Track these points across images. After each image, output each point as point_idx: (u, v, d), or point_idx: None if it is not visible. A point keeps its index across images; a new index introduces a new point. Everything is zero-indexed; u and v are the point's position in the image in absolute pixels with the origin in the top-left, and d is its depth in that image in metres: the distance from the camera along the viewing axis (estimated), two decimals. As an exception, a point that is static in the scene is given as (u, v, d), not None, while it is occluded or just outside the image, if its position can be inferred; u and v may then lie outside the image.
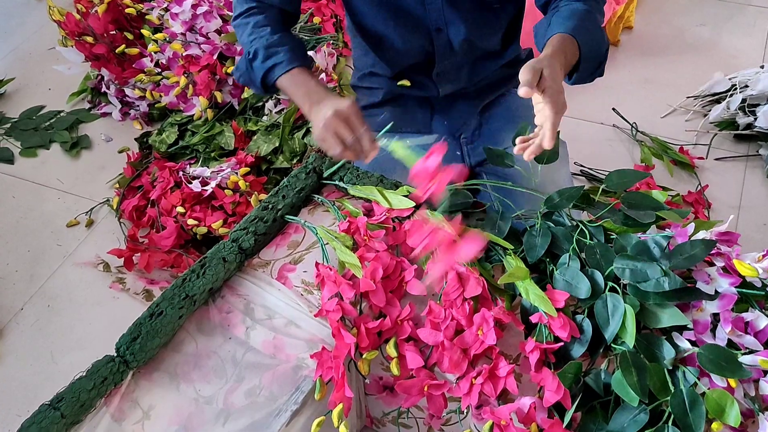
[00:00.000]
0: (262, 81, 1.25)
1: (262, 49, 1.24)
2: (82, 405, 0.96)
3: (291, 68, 1.22)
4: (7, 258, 1.86)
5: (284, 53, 1.23)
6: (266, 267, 1.14)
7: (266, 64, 1.23)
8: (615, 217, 1.08)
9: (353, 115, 1.12)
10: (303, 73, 1.23)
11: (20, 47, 2.63)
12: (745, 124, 2.02)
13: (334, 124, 1.11)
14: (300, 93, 1.21)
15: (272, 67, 1.23)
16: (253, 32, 1.26)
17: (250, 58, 1.26)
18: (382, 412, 1.25)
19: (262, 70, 1.24)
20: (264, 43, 1.24)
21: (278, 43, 1.24)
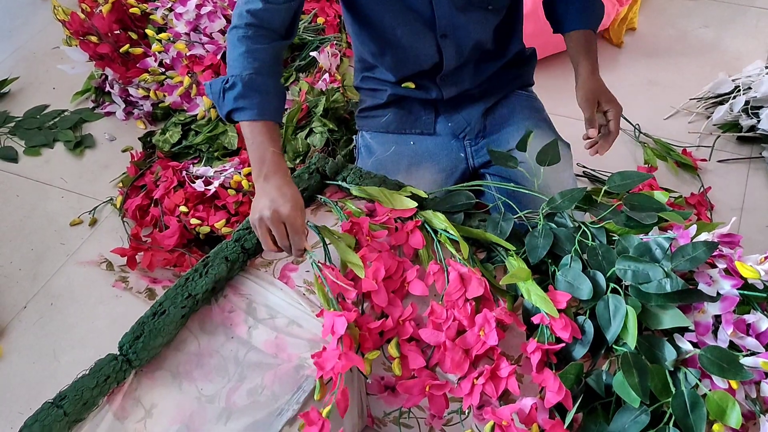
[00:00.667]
0: (227, 114, 1.21)
1: (240, 84, 1.18)
2: (85, 403, 0.96)
3: (256, 120, 1.18)
4: (11, 256, 1.86)
5: (259, 100, 1.18)
6: (269, 266, 1.15)
7: (237, 102, 1.18)
8: (617, 219, 1.08)
9: (290, 221, 1.08)
10: (266, 133, 1.18)
11: (25, 46, 2.64)
12: (748, 126, 2.01)
13: (267, 223, 1.09)
14: (255, 155, 1.17)
15: (241, 108, 1.19)
16: (239, 58, 1.20)
17: (226, 86, 1.20)
18: (384, 412, 1.25)
19: (230, 105, 1.19)
20: (245, 79, 1.18)
21: (258, 86, 1.19)
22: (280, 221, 1.08)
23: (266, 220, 1.08)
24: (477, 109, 1.48)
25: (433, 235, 1.13)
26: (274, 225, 1.08)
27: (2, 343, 1.66)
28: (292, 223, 1.08)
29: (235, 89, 1.18)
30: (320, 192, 1.27)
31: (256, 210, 1.10)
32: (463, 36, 1.33)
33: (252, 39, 1.21)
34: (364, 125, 1.55)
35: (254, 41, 1.21)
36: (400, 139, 1.49)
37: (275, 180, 1.13)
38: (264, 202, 1.10)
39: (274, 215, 1.08)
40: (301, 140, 1.91)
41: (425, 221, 1.14)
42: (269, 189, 1.12)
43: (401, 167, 1.44)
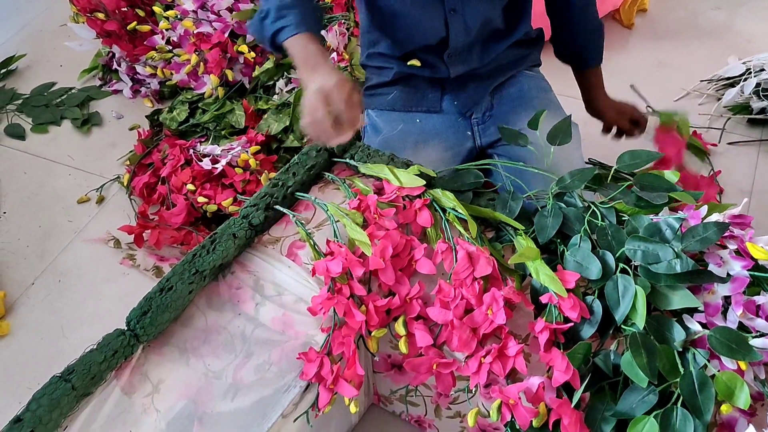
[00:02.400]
0: (271, 41, 1.25)
1: (273, 10, 1.22)
2: (93, 377, 0.96)
3: (296, 33, 1.21)
4: (19, 233, 1.87)
5: (293, 16, 1.22)
6: (276, 244, 1.14)
7: (275, 25, 1.22)
8: (627, 199, 1.07)
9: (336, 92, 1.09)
10: (305, 39, 1.21)
11: (32, 23, 2.63)
12: (759, 108, 2.00)
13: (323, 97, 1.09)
14: (300, 58, 1.20)
15: (280, 29, 1.22)
16: None
17: (262, 17, 1.25)
18: (390, 390, 1.26)
19: (270, 30, 1.23)
20: (276, 4, 1.23)
21: (290, 5, 1.23)
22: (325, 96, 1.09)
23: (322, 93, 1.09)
24: (484, 88, 1.47)
25: (442, 213, 1.12)
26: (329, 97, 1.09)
27: (10, 320, 1.67)
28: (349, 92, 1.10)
29: (269, 16, 1.23)
30: (328, 170, 1.26)
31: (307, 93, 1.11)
32: (472, 12, 1.32)
33: None
34: (370, 103, 1.54)
35: None
36: (406, 117, 1.48)
37: (324, 67, 1.15)
38: (316, 84, 1.11)
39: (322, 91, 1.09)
40: (309, 119, 1.90)
41: (433, 200, 1.13)
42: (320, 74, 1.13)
43: (408, 145, 1.43)
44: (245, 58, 2.04)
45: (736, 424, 0.90)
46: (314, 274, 1.05)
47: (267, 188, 1.19)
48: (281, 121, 1.92)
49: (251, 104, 2.00)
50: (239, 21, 2.06)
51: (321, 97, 1.08)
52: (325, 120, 1.08)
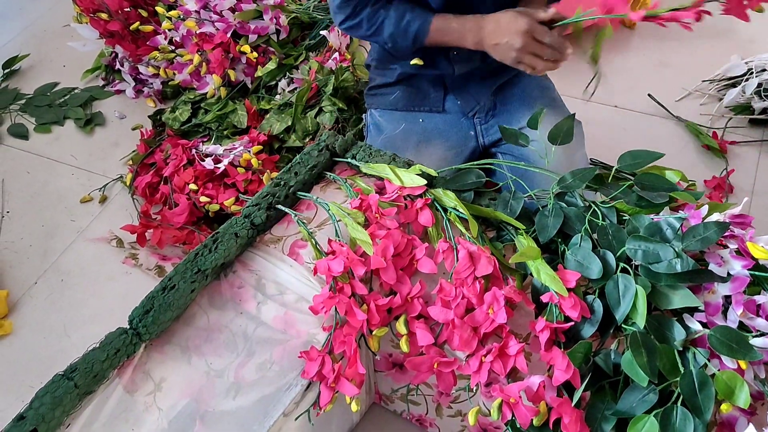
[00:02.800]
0: (412, 52, 1.37)
1: (396, 32, 1.32)
2: (95, 375, 0.97)
3: (428, 26, 1.31)
4: (22, 233, 1.87)
5: (413, 20, 1.31)
6: (278, 243, 1.15)
7: (408, 39, 1.33)
8: (628, 198, 1.08)
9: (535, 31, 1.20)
10: (439, 20, 1.31)
11: (35, 24, 2.63)
12: (760, 108, 2.00)
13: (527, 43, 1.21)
14: (455, 36, 1.30)
15: (415, 36, 1.32)
16: (371, 25, 1.34)
17: (390, 46, 1.36)
18: (391, 389, 1.26)
19: (408, 46, 1.34)
20: (392, 27, 1.32)
21: (400, 17, 1.32)
22: (532, 38, 1.21)
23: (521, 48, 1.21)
24: (486, 87, 1.48)
25: (443, 213, 1.13)
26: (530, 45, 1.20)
27: (13, 319, 1.67)
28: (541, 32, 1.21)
29: (396, 40, 1.34)
30: (330, 169, 1.27)
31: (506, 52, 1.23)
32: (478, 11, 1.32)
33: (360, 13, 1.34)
34: (373, 103, 1.54)
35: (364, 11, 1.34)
36: (409, 116, 1.48)
37: (487, 24, 1.26)
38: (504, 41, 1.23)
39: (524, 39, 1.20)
40: (311, 119, 1.90)
41: (435, 199, 1.14)
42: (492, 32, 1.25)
43: (410, 145, 1.43)
44: (247, 58, 2.04)
45: (736, 423, 0.91)
46: (316, 273, 1.05)
47: (269, 188, 1.20)
48: (283, 120, 1.92)
49: (253, 104, 2.01)
50: (241, 21, 2.07)
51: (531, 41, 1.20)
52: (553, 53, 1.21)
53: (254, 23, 2.09)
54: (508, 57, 1.25)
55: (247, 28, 2.07)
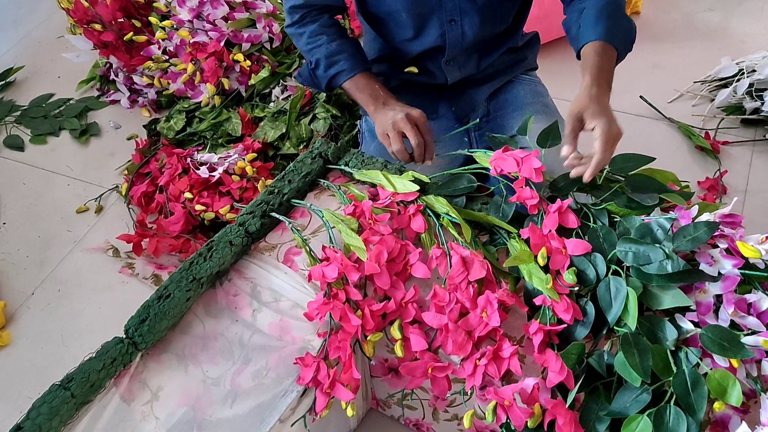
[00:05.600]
0: (327, 87, 1.37)
1: (323, 59, 1.34)
2: (92, 385, 0.97)
3: (353, 75, 1.34)
4: (18, 244, 1.88)
5: (344, 61, 1.34)
6: (273, 250, 1.15)
7: (329, 72, 1.35)
8: (618, 200, 1.08)
9: (420, 121, 1.24)
10: (364, 78, 1.34)
11: (30, 35, 2.64)
12: (752, 108, 2.01)
13: (401, 124, 1.23)
14: (364, 96, 1.32)
15: (335, 75, 1.34)
16: (309, 42, 1.36)
17: (312, 68, 1.37)
18: (388, 394, 1.27)
19: (325, 78, 1.36)
20: (324, 53, 1.34)
21: (337, 51, 1.34)
22: (413, 122, 1.23)
23: (399, 121, 1.23)
24: (480, 93, 1.49)
25: (435, 219, 1.13)
26: (407, 126, 1.23)
27: (11, 329, 1.68)
28: (423, 123, 1.24)
29: (320, 66, 1.35)
30: (323, 177, 1.28)
31: (385, 120, 1.26)
32: (470, 22, 1.33)
33: (309, 24, 1.37)
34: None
35: (312, 25, 1.36)
36: None
37: (394, 102, 1.30)
38: (391, 113, 1.25)
39: (407, 117, 1.23)
40: (305, 126, 1.91)
41: (427, 206, 1.14)
42: (392, 105, 1.29)
43: (404, 151, 1.44)
44: (241, 67, 2.05)
45: (729, 422, 0.91)
46: (310, 279, 1.06)
47: (263, 196, 1.21)
48: (277, 128, 1.93)
49: (248, 112, 2.01)
50: (234, 30, 2.08)
51: (411, 124, 1.23)
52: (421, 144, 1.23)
53: (247, 32, 2.10)
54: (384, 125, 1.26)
55: (240, 37, 2.08)
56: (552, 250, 1.02)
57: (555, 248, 1.02)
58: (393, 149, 1.25)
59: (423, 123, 1.25)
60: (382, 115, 1.28)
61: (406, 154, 1.25)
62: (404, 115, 1.23)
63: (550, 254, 1.02)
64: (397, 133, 1.24)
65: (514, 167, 1.09)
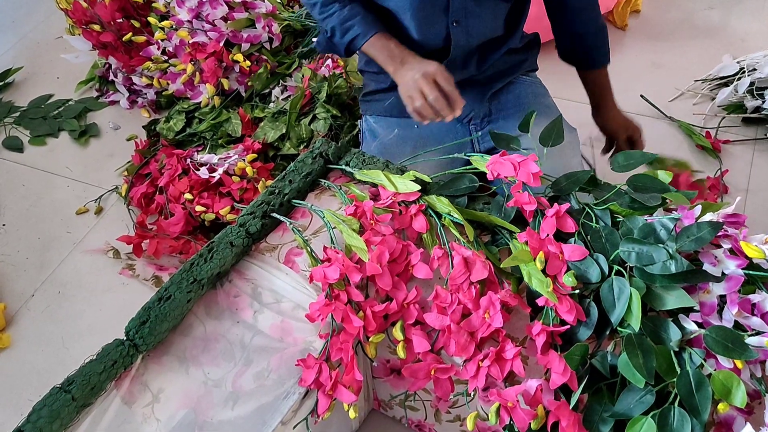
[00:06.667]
0: (345, 52, 1.40)
1: (337, 27, 1.36)
2: (93, 388, 0.97)
3: (369, 37, 1.34)
4: (18, 245, 1.87)
5: (358, 25, 1.34)
6: (273, 251, 1.15)
7: (345, 38, 1.36)
8: (621, 200, 1.08)
9: (438, 75, 1.23)
10: (381, 39, 1.34)
11: (28, 36, 2.63)
12: (753, 107, 2.01)
13: (421, 83, 1.23)
14: (383, 56, 1.33)
15: (352, 39, 1.36)
16: (322, 11, 1.38)
17: (328, 36, 1.39)
18: (390, 395, 1.26)
19: (343, 45, 1.37)
20: (337, 21, 1.35)
21: (349, 16, 1.35)
22: (430, 78, 1.23)
23: (418, 81, 1.23)
24: (481, 94, 1.48)
25: (437, 219, 1.13)
26: (424, 82, 1.23)
27: (11, 331, 1.67)
28: (442, 76, 1.24)
29: (336, 33, 1.37)
30: (324, 177, 1.27)
31: (404, 83, 1.27)
32: (475, 24, 1.33)
33: None
34: (367, 109, 1.55)
35: None
36: (403, 122, 1.48)
37: (412, 58, 1.30)
38: (411, 73, 1.26)
39: (424, 75, 1.23)
40: (305, 126, 1.91)
41: (428, 206, 1.14)
42: (410, 63, 1.29)
43: (406, 151, 1.44)
44: (241, 67, 2.05)
45: (733, 423, 0.91)
46: (312, 280, 1.05)
47: (264, 196, 1.20)
48: (278, 128, 1.92)
49: (247, 113, 2.01)
50: (234, 30, 2.07)
51: (428, 80, 1.23)
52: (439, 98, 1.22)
53: (247, 32, 2.09)
54: (406, 86, 1.27)
55: (239, 37, 2.08)
56: (549, 254, 1.02)
57: (552, 253, 1.02)
58: (415, 106, 1.25)
59: (442, 76, 1.24)
60: (401, 77, 1.29)
61: (429, 110, 1.24)
62: (421, 74, 1.24)
63: (547, 259, 1.01)
64: (417, 91, 1.24)
65: (511, 171, 1.09)
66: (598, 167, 1.85)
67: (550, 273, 1.01)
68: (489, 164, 1.13)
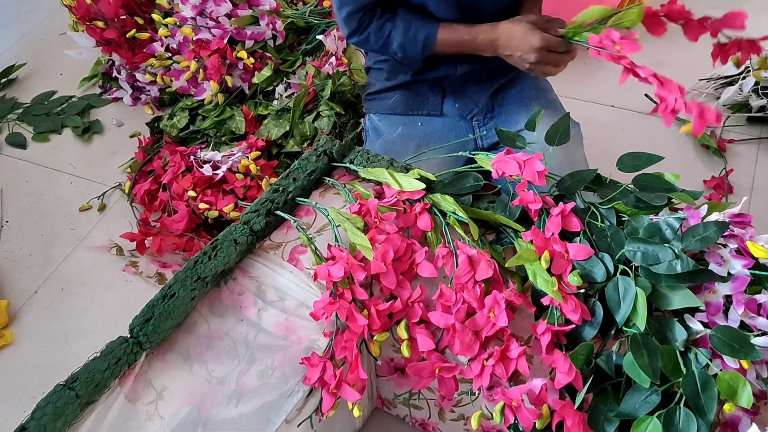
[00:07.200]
0: (421, 59, 1.38)
1: (405, 42, 1.34)
2: (97, 385, 0.97)
3: (435, 34, 1.33)
4: (21, 242, 1.87)
5: (420, 29, 1.33)
6: (277, 249, 1.15)
7: (418, 47, 1.34)
8: (626, 200, 1.07)
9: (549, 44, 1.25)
10: (445, 29, 1.33)
11: (32, 32, 2.63)
12: (758, 106, 2.00)
13: (542, 58, 1.25)
14: (465, 48, 1.34)
15: (424, 45, 1.34)
16: (378, 38, 1.35)
17: (400, 57, 1.38)
18: (394, 394, 1.26)
19: (418, 53, 1.35)
20: (401, 37, 1.34)
21: (407, 27, 1.33)
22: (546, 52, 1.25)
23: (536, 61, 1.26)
24: (484, 89, 1.48)
25: (441, 218, 1.13)
26: (545, 58, 1.25)
27: (14, 328, 1.67)
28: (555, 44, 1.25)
29: (406, 50, 1.36)
30: (328, 174, 1.27)
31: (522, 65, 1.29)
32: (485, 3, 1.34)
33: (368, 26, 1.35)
34: (371, 107, 1.54)
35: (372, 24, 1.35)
36: (407, 120, 1.48)
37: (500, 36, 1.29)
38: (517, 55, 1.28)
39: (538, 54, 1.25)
40: (309, 124, 1.90)
41: (433, 204, 1.14)
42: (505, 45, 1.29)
43: (410, 149, 1.43)
44: (244, 64, 2.04)
45: (739, 423, 0.91)
46: (316, 278, 1.05)
47: (268, 194, 1.20)
48: (281, 126, 1.92)
49: (251, 110, 2.01)
50: (238, 27, 2.07)
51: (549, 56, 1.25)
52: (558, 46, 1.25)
53: (250, 29, 2.09)
54: (522, 67, 1.30)
55: (243, 34, 2.07)
56: (554, 254, 1.01)
57: (557, 252, 1.01)
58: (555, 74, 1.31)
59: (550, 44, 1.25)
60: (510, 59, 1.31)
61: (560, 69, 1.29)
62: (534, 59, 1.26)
63: (552, 258, 1.01)
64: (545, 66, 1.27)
65: (516, 170, 1.08)
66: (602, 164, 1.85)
67: (555, 272, 1.00)
68: (494, 163, 1.12)
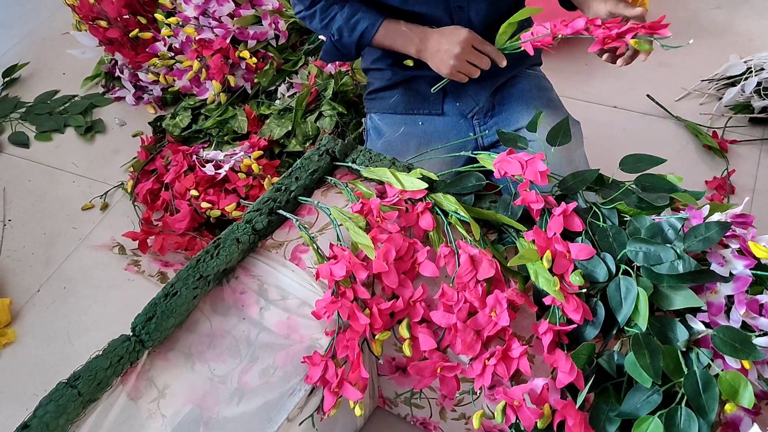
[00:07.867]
0: (357, 48, 1.39)
1: (343, 26, 1.36)
2: (99, 383, 0.97)
3: (379, 25, 1.35)
4: (24, 241, 1.88)
5: (364, 19, 1.35)
6: (280, 248, 1.15)
7: (355, 34, 1.36)
8: (628, 200, 1.07)
9: (472, 41, 1.27)
10: (390, 24, 1.35)
11: (34, 32, 2.64)
12: (760, 107, 2.00)
13: (463, 56, 1.28)
14: (400, 41, 1.35)
15: (362, 33, 1.36)
16: (323, 17, 1.38)
17: (336, 40, 1.39)
18: (395, 393, 1.26)
19: (353, 42, 1.37)
20: (342, 20, 1.36)
21: (352, 13, 1.36)
22: (470, 46, 1.27)
23: (459, 55, 1.28)
24: (485, 88, 1.48)
25: (443, 217, 1.13)
26: (469, 53, 1.27)
27: (16, 327, 1.67)
28: (480, 41, 1.28)
29: (342, 34, 1.37)
30: (330, 174, 1.27)
31: (444, 59, 1.30)
32: (478, 9, 1.33)
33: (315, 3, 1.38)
34: (372, 107, 1.55)
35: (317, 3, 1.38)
36: (408, 119, 1.48)
37: (432, 34, 1.32)
38: (444, 48, 1.29)
39: (463, 46, 1.27)
40: (311, 124, 1.91)
41: (435, 203, 1.14)
42: (435, 40, 1.31)
43: (411, 148, 1.44)
44: (247, 64, 2.05)
45: (740, 423, 0.91)
46: (318, 277, 1.05)
47: (270, 193, 1.20)
48: (283, 125, 1.92)
49: (253, 109, 2.01)
50: (240, 27, 2.07)
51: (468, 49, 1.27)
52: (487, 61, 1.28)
53: (253, 29, 2.09)
54: (446, 64, 1.30)
55: (246, 34, 2.08)
56: (556, 253, 1.01)
57: (559, 252, 1.01)
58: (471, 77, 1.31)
59: (476, 39, 1.28)
60: (430, 56, 1.32)
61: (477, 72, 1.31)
62: (459, 51, 1.27)
63: (554, 257, 1.01)
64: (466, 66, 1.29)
65: (518, 170, 1.08)
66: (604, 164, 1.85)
67: (557, 272, 1.00)
68: (496, 162, 1.12)
